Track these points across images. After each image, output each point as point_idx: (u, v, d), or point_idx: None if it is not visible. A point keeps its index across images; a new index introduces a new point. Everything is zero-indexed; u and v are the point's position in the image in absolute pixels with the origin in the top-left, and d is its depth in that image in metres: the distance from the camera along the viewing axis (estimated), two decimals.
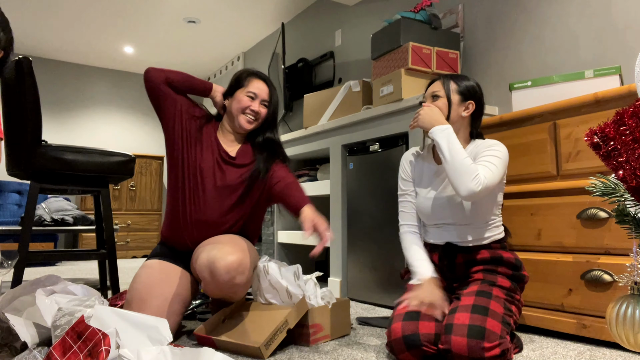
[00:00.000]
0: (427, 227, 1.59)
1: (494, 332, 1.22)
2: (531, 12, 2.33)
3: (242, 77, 1.77)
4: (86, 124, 5.66)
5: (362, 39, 3.47)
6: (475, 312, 1.28)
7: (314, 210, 1.54)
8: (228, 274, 1.47)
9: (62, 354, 1.08)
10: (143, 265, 1.66)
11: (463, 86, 1.55)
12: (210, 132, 1.76)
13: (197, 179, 1.68)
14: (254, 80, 1.76)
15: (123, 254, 5.24)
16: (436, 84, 1.58)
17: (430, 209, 1.54)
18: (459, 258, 1.50)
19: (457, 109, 1.54)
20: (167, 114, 1.71)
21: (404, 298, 1.42)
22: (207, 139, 1.74)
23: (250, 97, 1.72)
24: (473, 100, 1.55)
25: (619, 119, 1.07)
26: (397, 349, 1.31)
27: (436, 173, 1.57)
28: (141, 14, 4.27)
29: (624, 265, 1.45)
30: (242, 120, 1.72)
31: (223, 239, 1.59)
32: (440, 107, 1.53)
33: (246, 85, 1.74)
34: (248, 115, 1.72)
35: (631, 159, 1.04)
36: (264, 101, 1.75)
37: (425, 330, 1.30)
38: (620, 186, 1.17)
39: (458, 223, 1.50)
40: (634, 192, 1.07)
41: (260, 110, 1.73)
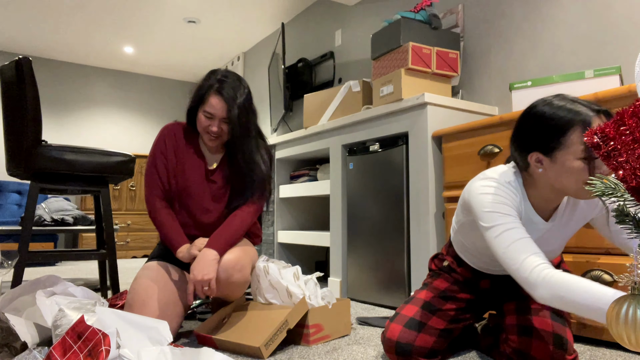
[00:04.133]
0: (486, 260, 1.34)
1: (570, 343, 1.19)
2: (531, 12, 2.33)
3: (201, 91, 1.62)
4: (86, 124, 5.66)
5: (362, 39, 3.47)
6: (554, 319, 1.21)
7: (207, 257, 1.49)
8: (225, 272, 1.48)
9: (62, 354, 1.07)
10: (143, 267, 1.66)
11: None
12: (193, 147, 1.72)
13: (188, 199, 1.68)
14: (211, 96, 1.60)
15: (123, 254, 5.23)
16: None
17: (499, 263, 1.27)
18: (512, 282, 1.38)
19: None
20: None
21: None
22: (190, 158, 1.70)
23: (207, 117, 1.61)
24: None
25: (619, 119, 1.07)
26: (387, 348, 1.30)
27: (542, 232, 1.24)
28: (141, 14, 4.27)
29: (624, 265, 1.45)
30: (206, 139, 1.65)
31: None
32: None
33: (204, 103, 1.61)
34: (210, 134, 1.64)
35: (631, 159, 1.04)
36: (223, 119, 1.61)
37: (421, 343, 1.27)
38: (620, 186, 1.17)
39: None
40: (634, 192, 1.07)
41: (221, 128, 1.62)
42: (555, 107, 1.10)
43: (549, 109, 1.10)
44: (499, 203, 1.13)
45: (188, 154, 1.71)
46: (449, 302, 1.36)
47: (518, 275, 1.05)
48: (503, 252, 1.08)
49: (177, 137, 1.72)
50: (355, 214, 2.51)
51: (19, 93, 1.95)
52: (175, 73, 6.06)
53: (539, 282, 1.00)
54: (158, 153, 1.69)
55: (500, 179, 1.18)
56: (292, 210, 3.38)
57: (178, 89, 6.30)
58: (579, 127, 1.05)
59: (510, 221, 1.11)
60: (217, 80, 1.62)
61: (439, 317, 1.33)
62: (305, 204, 3.44)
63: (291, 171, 3.40)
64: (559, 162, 1.08)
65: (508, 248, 1.08)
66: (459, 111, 2.24)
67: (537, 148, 1.11)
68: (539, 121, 1.11)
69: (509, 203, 1.14)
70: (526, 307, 1.27)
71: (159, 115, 6.14)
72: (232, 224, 1.61)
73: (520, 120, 1.17)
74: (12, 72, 1.98)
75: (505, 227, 1.10)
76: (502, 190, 1.15)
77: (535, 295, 1.01)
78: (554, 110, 1.09)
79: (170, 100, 6.24)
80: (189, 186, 1.67)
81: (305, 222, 3.44)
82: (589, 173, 1.05)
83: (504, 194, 1.15)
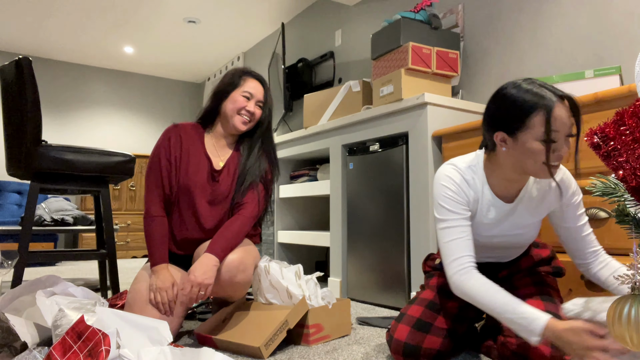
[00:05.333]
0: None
1: None
2: (531, 12, 2.33)
3: (236, 75, 1.70)
4: (86, 124, 5.66)
5: (362, 39, 3.47)
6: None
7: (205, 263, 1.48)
8: (229, 273, 1.48)
9: (62, 354, 1.07)
10: (143, 267, 1.66)
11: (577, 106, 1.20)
12: (197, 147, 1.70)
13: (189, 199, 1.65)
14: (249, 79, 1.70)
15: (123, 254, 5.24)
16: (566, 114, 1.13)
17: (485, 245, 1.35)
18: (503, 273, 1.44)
19: None
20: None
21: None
22: (195, 158, 1.69)
23: (245, 97, 1.67)
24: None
25: (619, 119, 1.07)
26: (394, 349, 1.30)
27: (505, 213, 1.29)
28: (141, 14, 4.27)
29: (624, 265, 1.45)
30: (237, 121, 1.67)
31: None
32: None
33: (241, 85, 1.68)
34: (243, 116, 1.67)
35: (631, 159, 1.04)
36: (259, 102, 1.70)
37: (429, 345, 1.27)
38: (620, 186, 1.17)
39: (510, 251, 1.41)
40: (634, 192, 1.07)
41: (255, 111, 1.69)
42: (522, 90, 1.14)
43: (516, 91, 1.15)
44: (450, 199, 1.24)
45: (193, 153, 1.69)
46: (450, 300, 1.37)
47: (446, 270, 1.23)
48: (442, 245, 1.24)
49: (182, 137, 1.70)
50: (355, 214, 2.51)
51: (19, 93, 1.95)
52: (175, 73, 6.06)
53: (457, 284, 1.19)
54: (161, 151, 1.67)
55: (462, 165, 1.28)
56: (292, 210, 3.38)
57: (178, 89, 6.30)
58: (542, 110, 1.10)
59: (455, 219, 1.23)
60: (249, 71, 1.73)
61: (444, 316, 1.33)
62: (305, 204, 3.44)
63: (291, 171, 3.40)
64: (520, 143, 1.14)
65: (446, 244, 1.23)
66: (459, 111, 2.24)
67: (502, 128, 1.17)
68: (506, 102, 1.16)
69: (460, 200, 1.24)
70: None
71: (159, 115, 6.14)
72: (232, 228, 1.58)
73: (490, 100, 1.22)
74: (12, 72, 1.98)
75: (449, 224, 1.23)
76: (457, 184, 1.25)
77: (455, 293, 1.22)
78: (520, 93, 1.14)
79: (170, 100, 6.24)
80: (191, 186, 1.65)
81: (305, 222, 3.44)
82: (546, 155, 1.12)
83: (457, 188, 1.25)
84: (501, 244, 1.35)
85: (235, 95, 1.67)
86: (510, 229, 1.31)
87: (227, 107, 1.68)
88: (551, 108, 1.10)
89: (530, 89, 1.14)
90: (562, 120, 1.11)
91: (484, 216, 1.29)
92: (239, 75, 1.70)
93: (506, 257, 1.44)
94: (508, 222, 1.30)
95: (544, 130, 1.10)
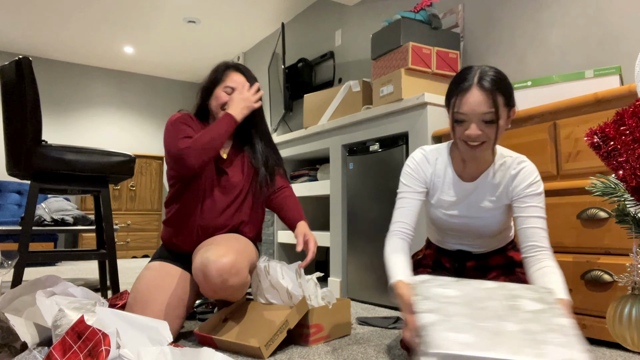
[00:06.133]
0: (436, 231, 1.51)
1: None
2: (531, 12, 2.33)
3: (218, 71, 1.70)
4: (86, 124, 5.66)
5: (362, 39, 3.47)
6: None
7: (306, 226, 1.63)
8: (220, 277, 1.44)
9: (62, 354, 1.08)
10: (146, 267, 1.66)
11: (508, 92, 1.25)
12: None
13: (197, 188, 1.64)
14: (231, 73, 1.68)
15: (123, 254, 5.24)
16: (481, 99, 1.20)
17: (450, 225, 1.42)
18: (471, 263, 1.48)
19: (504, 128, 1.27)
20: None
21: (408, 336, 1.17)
22: None
23: (227, 92, 1.67)
24: (515, 103, 1.29)
25: (619, 119, 1.07)
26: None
27: (464, 192, 1.38)
28: (141, 14, 4.27)
29: (624, 265, 1.45)
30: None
31: (219, 239, 1.58)
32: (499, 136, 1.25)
33: (223, 80, 1.67)
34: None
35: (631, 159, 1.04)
36: None
37: None
38: (620, 186, 1.17)
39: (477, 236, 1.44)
40: (634, 192, 1.07)
41: None
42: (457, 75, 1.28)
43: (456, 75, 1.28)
44: (407, 174, 1.41)
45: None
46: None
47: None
48: (394, 210, 1.40)
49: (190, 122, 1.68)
50: (355, 214, 2.51)
51: (19, 93, 1.95)
52: (175, 73, 6.06)
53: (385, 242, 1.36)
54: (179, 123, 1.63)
55: (430, 148, 1.43)
56: None
57: (178, 89, 6.31)
58: (455, 94, 1.24)
59: (407, 191, 1.39)
60: (232, 63, 1.72)
61: None
62: (305, 204, 3.44)
63: (291, 171, 3.40)
64: (450, 121, 1.29)
65: (395, 210, 1.40)
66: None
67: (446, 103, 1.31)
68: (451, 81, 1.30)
69: (416, 176, 1.39)
70: None
71: (159, 115, 6.15)
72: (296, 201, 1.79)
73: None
74: (12, 72, 1.98)
75: (401, 195, 1.40)
76: (417, 162, 1.40)
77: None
78: (455, 77, 1.28)
79: (170, 100, 6.24)
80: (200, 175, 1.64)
81: None
82: (452, 132, 1.29)
83: (415, 166, 1.40)
84: (464, 227, 1.41)
85: (217, 91, 1.67)
86: (469, 210, 1.38)
87: (212, 104, 1.69)
88: (461, 93, 1.22)
89: (460, 74, 1.26)
90: (469, 105, 1.20)
91: (445, 193, 1.39)
92: (221, 70, 1.70)
93: (476, 247, 1.47)
94: (467, 201, 1.37)
95: (452, 112, 1.25)
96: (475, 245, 1.46)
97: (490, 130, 1.22)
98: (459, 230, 1.43)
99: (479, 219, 1.37)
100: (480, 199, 1.36)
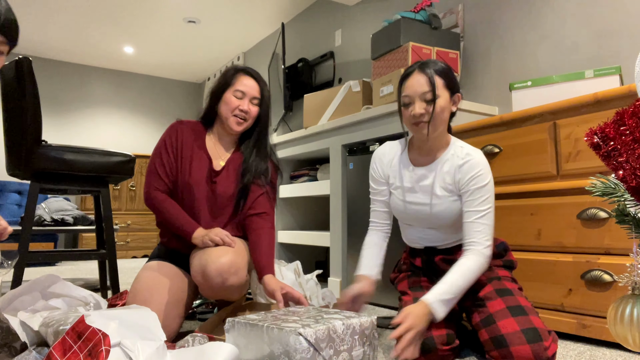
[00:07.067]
0: (403, 227, 1.57)
1: (543, 329, 1.21)
2: (531, 12, 2.33)
3: (228, 74, 1.65)
4: (86, 124, 5.66)
5: (362, 39, 3.47)
6: (516, 314, 1.24)
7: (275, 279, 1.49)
8: (220, 277, 1.44)
9: (62, 354, 1.07)
10: (144, 267, 1.66)
11: (449, 78, 1.39)
12: (200, 146, 1.67)
13: (191, 195, 1.64)
14: (241, 77, 1.64)
15: (123, 254, 5.23)
16: (422, 80, 1.36)
17: (408, 212, 1.49)
18: (437, 258, 1.50)
19: (448, 110, 1.41)
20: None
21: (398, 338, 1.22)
22: (197, 155, 1.66)
23: (237, 96, 1.62)
24: (458, 91, 1.42)
25: (619, 119, 1.07)
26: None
27: (417, 177, 1.47)
28: (141, 14, 4.27)
29: (624, 265, 1.45)
30: (232, 122, 1.62)
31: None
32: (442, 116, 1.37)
33: (234, 84, 1.63)
34: (237, 117, 1.62)
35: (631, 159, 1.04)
36: (254, 98, 1.64)
37: (438, 332, 1.28)
38: (620, 186, 1.17)
39: (435, 227, 1.48)
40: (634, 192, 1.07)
41: (250, 109, 1.63)
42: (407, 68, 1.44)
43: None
44: (371, 176, 1.56)
45: (195, 152, 1.66)
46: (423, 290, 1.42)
47: None
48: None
49: (185, 135, 1.67)
50: (355, 214, 2.51)
51: (19, 93, 1.95)
52: (175, 73, 6.06)
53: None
54: (164, 146, 1.64)
55: (388, 143, 1.57)
56: (292, 210, 3.38)
57: (178, 89, 6.31)
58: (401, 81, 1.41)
59: (372, 192, 1.56)
60: (241, 67, 1.68)
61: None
62: (305, 204, 3.44)
63: (291, 171, 3.40)
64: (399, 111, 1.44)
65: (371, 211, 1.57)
66: (459, 111, 2.23)
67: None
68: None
69: (375, 175, 1.54)
70: (489, 317, 1.28)
71: (159, 115, 6.15)
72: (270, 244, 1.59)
73: None
74: (12, 72, 1.98)
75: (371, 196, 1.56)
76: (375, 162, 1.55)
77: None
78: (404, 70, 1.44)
79: (170, 100, 6.24)
80: (193, 184, 1.63)
81: (305, 222, 3.44)
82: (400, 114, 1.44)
83: (374, 166, 1.55)
84: (420, 214, 1.46)
85: (227, 95, 1.63)
86: (424, 196, 1.45)
87: (222, 109, 1.64)
88: (405, 79, 1.40)
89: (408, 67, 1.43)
90: (412, 87, 1.37)
91: (399, 179, 1.50)
92: (231, 74, 1.65)
93: (439, 241, 1.49)
94: (420, 186, 1.45)
95: (401, 96, 1.40)
96: (438, 239, 1.49)
97: (433, 108, 1.35)
98: (416, 218, 1.47)
99: (433, 206, 1.43)
100: (433, 185, 1.43)
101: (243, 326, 1.13)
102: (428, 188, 1.44)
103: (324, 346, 1.04)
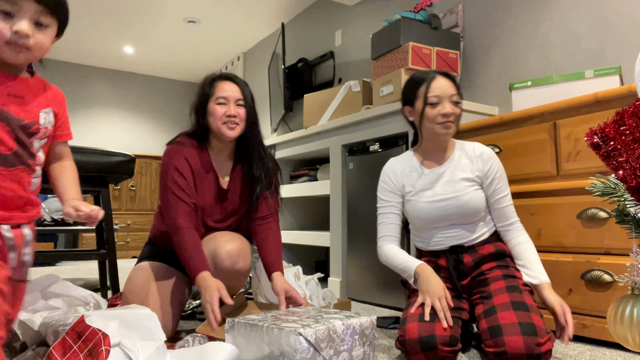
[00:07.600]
0: (424, 233, 1.55)
1: (541, 327, 1.22)
2: (531, 12, 2.33)
3: (205, 85, 1.60)
4: (86, 124, 5.66)
5: (362, 39, 3.47)
6: (517, 309, 1.26)
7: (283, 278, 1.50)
8: (230, 259, 1.50)
9: (62, 354, 1.07)
10: (135, 268, 1.64)
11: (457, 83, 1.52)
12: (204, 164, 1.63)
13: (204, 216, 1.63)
14: (219, 84, 1.59)
15: (123, 254, 5.23)
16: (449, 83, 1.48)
17: (434, 212, 1.49)
18: (466, 258, 1.48)
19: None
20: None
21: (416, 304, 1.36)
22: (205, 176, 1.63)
23: (220, 103, 1.56)
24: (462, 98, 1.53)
25: (619, 119, 1.07)
26: (411, 350, 1.28)
27: (435, 176, 1.52)
28: (141, 14, 4.27)
29: (624, 265, 1.45)
30: (225, 130, 1.56)
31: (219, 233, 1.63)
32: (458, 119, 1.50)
33: (213, 93, 1.57)
34: (228, 123, 1.56)
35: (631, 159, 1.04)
36: (238, 100, 1.58)
37: (441, 332, 1.28)
38: (620, 186, 1.17)
39: (461, 223, 1.48)
40: (634, 192, 1.07)
41: (237, 112, 1.57)
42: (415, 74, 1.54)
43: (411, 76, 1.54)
44: (382, 189, 1.59)
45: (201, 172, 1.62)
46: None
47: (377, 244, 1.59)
48: (377, 225, 1.59)
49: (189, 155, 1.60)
50: (355, 214, 2.51)
51: None
52: (175, 73, 6.06)
53: (379, 252, 1.56)
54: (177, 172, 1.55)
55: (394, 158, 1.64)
56: (292, 210, 3.38)
57: (178, 89, 6.30)
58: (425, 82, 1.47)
59: (385, 206, 1.57)
60: (217, 74, 1.64)
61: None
62: (305, 204, 3.44)
63: (291, 171, 3.40)
64: (417, 109, 1.50)
65: (378, 225, 1.58)
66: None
67: (406, 103, 1.54)
68: (406, 84, 1.55)
69: (389, 188, 1.57)
70: (491, 308, 1.31)
71: (159, 115, 6.14)
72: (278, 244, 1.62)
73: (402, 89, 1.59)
74: None
75: (381, 210, 1.58)
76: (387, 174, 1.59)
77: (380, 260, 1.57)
78: (413, 75, 1.53)
79: (170, 100, 6.24)
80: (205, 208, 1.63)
81: (305, 222, 3.44)
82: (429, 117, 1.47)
83: (387, 178, 1.59)
84: (448, 209, 1.48)
85: (211, 106, 1.57)
86: (448, 191, 1.49)
87: (210, 121, 1.59)
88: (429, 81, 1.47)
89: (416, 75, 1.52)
90: (441, 88, 1.45)
91: (420, 183, 1.53)
92: (209, 84, 1.60)
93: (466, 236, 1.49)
94: (442, 182, 1.51)
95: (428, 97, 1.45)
96: (464, 236, 1.49)
97: (457, 110, 1.47)
98: (444, 216, 1.48)
99: (459, 198, 1.47)
100: (454, 179, 1.50)
101: (243, 326, 1.14)
102: (450, 182, 1.50)
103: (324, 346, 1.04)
